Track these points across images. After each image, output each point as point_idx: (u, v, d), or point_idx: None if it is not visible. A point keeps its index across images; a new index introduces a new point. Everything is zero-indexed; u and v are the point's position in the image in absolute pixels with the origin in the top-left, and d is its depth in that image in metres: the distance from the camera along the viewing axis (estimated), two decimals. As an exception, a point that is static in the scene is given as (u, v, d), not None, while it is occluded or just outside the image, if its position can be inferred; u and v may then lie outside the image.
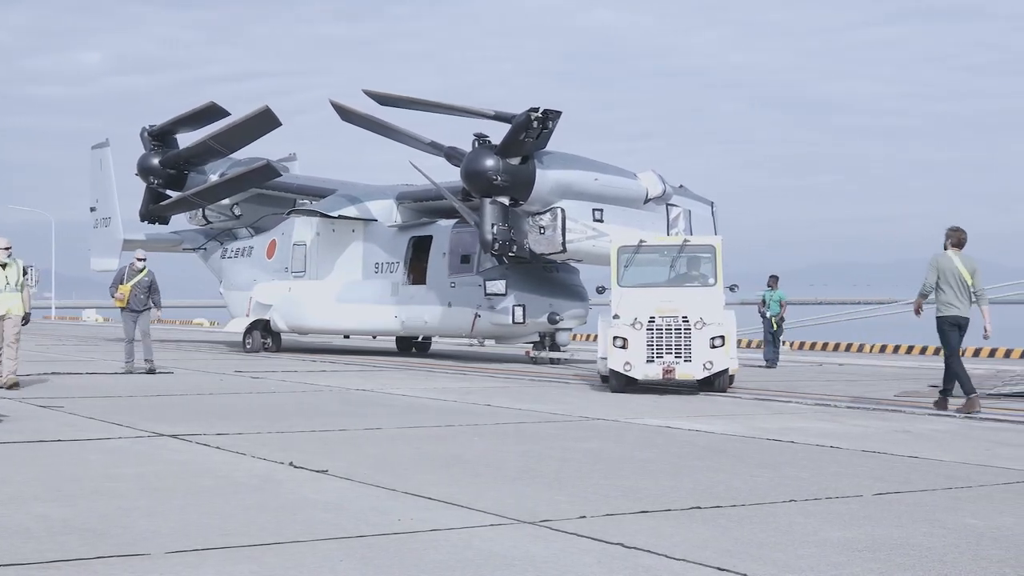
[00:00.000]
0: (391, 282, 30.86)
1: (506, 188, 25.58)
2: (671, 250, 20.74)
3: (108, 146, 38.38)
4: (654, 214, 27.71)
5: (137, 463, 10.41)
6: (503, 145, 25.55)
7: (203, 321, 73.28)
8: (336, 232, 32.11)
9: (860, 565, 6.63)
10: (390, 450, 11.53)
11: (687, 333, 18.92)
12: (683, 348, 18.90)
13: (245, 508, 8.19)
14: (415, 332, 32.12)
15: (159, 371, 22.90)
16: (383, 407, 16.41)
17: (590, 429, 13.83)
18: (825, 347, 39.25)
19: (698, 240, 21.60)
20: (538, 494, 8.90)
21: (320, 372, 24.20)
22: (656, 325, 18.99)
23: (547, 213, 26.03)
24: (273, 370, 24.53)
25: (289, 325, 32.97)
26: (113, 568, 6.38)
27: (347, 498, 8.68)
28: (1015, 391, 18.75)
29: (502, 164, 25.44)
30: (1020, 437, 13.22)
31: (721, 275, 19.92)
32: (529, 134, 25.06)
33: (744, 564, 6.61)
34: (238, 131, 31.04)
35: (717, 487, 9.34)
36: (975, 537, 7.42)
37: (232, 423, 13.74)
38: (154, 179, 33.79)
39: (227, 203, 34.56)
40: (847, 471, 10.35)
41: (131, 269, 23.54)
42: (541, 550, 6.95)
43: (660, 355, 18.93)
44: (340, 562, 6.58)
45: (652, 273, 20.46)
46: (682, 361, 18.90)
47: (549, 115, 24.99)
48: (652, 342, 18.97)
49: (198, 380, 21.47)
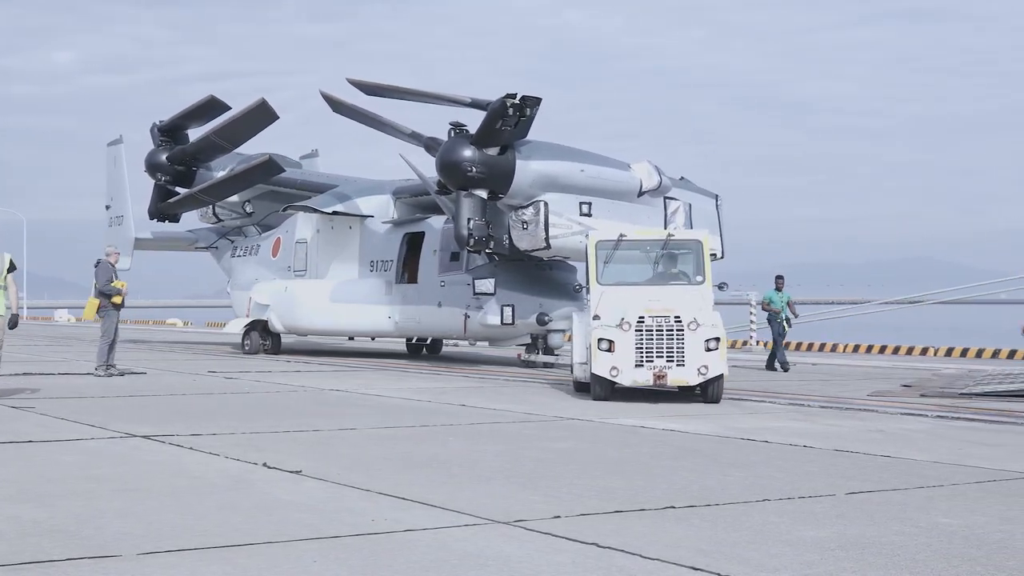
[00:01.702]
0: (385, 281, 29.73)
1: (483, 180, 24.29)
2: (655, 245, 19.33)
3: (122, 143, 37.54)
4: (650, 208, 26.21)
5: (110, 464, 10.35)
6: (479, 134, 24.23)
7: (176, 321, 72.99)
8: (335, 229, 30.91)
9: (833, 564, 6.66)
10: (364, 450, 11.51)
11: (680, 335, 17.24)
12: (675, 351, 17.22)
13: (219, 509, 8.15)
14: (409, 333, 30.89)
15: (132, 372, 22.75)
16: (357, 408, 16.37)
17: (564, 429, 13.84)
18: (799, 347, 39.40)
19: (683, 235, 20.15)
20: (512, 494, 8.90)
21: (294, 372, 24.13)
22: (646, 326, 17.28)
23: (529, 207, 24.65)
24: (247, 370, 24.43)
25: (285, 325, 31.82)
26: (84, 570, 6.34)
27: (321, 498, 8.65)
28: (987, 391, 18.86)
29: (478, 155, 24.11)
30: (992, 437, 13.31)
31: (709, 272, 18.72)
32: (506, 122, 23.71)
33: (718, 563, 6.63)
34: (237, 125, 30.34)
35: (691, 487, 9.36)
36: (947, 536, 7.47)
37: (206, 424, 13.68)
38: (162, 176, 33.00)
39: (236, 200, 33.47)
40: (820, 470, 10.39)
41: (113, 265, 22.86)
42: (515, 550, 6.95)
43: (650, 359, 17.26)
44: (314, 562, 6.56)
45: (634, 270, 19.16)
46: (674, 365, 17.22)
47: (527, 102, 23.69)
48: (641, 344, 17.25)
49: (171, 381, 21.36)
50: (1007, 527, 7.78)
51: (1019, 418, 15.04)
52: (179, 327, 65.13)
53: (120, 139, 38.02)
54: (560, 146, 25.39)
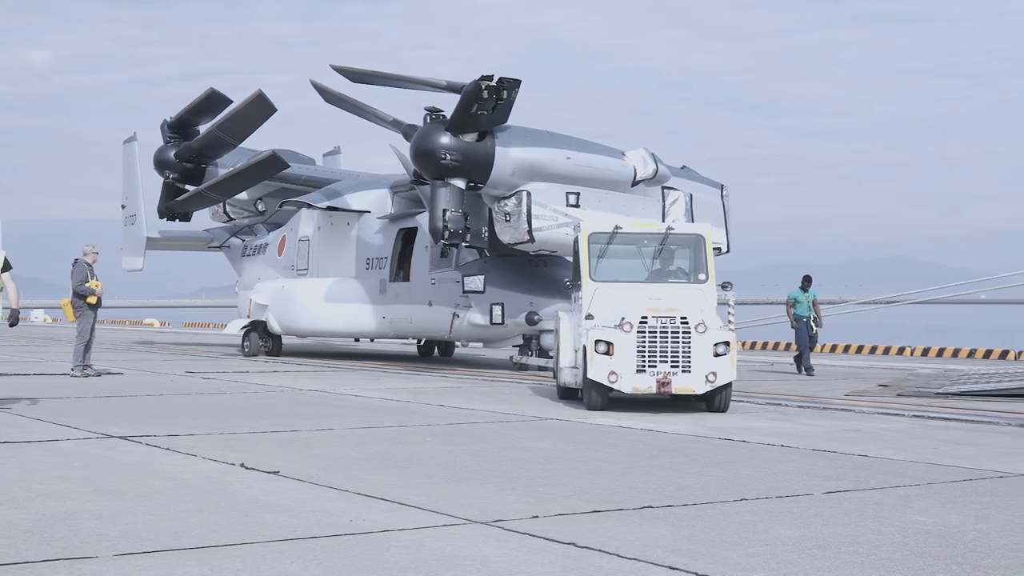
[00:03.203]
0: (379, 279, 28.51)
1: (459, 168, 22.89)
2: (653, 239, 17.91)
3: (136, 140, 36.87)
4: (645, 198, 24.76)
5: (86, 465, 10.29)
6: (453, 120, 22.86)
7: (153, 321, 72.75)
8: (333, 226, 29.92)
9: (810, 563, 6.68)
10: (342, 451, 11.48)
11: (687, 338, 15.79)
12: (681, 356, 15.78)
13: (195, 510, 8.12)
14: (403, 334, 29.40)
15: (108, 372, 22.64)
16: (335, 408, 16.33)
17: (543, 429, 13.84)
18: (776, 347, 39.55)
19: (685, 228, 18.59)
20: (491, 494, 8.89)
21: (272, 373, 24.06)
22: (649, 327, 15.82)
23: (512, 197, 23.31)
24: (224, 371, 24.35)
25: (282, 326, 30.65)
26: (60, 571, 6.30)
27: (299, 499, 8.63)
28: (963, 391, 18.96)
29: (454, 141, 22.77)
30: (968, 436, 13.38)
31: (713, 270, 17.35)
32: (482, 106, 22.36)
33: (696, 563, 6.64)
34: (238, 119, 29.41)
35: (669, 486, 9.37)
36: (923, 535, 7.50)
37: (183, 424, 13.62)
38: (170, 173, 32.07)
39: (246, 198, 32.77)
40: (798, 470, 10.43)
41: (90, 265, 22.69)
42: (494, 550, 6.94)
43: (653, 363, 15.78)
44: (291, 563, 6.54)
45: (630, 266, 17.79)
46: (679, 372, 15.79)
47: (504, 84, 22.28)
48: (644, 348, 15.77)
49: (148, 381, 21.27)
50: (982, 526, 7.82)
51: (994, 418, 15.13)
52: (155, 327, 64.92)
53: (134, 137, 37.18)
54: (544, 132, 24.18)
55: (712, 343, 15.83)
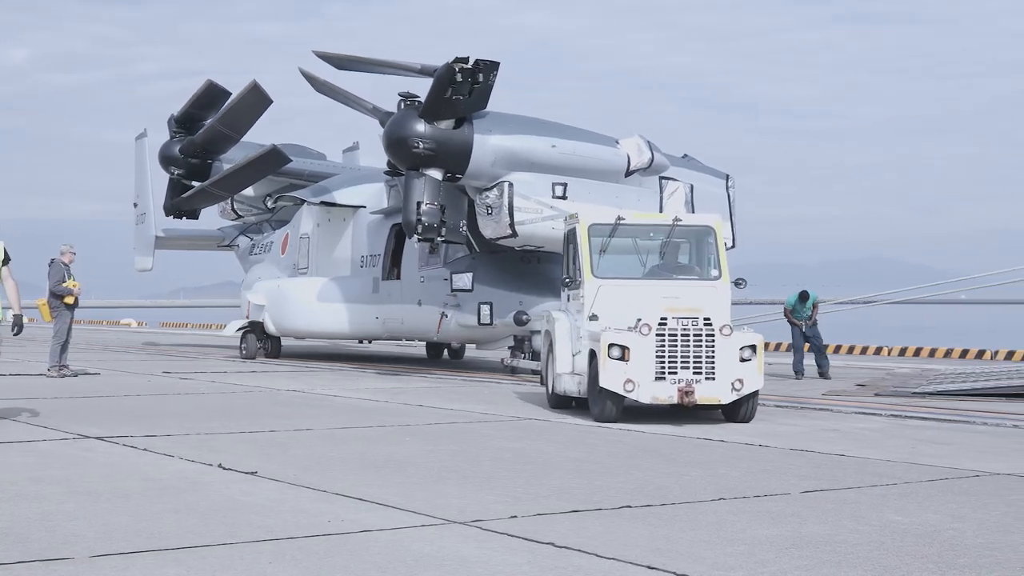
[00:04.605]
0: (372, 277, 27.09)
1: (434, 158, 21.42)
2: (659, 231, 16.42)
3: (146, 137, 35.97)
4: (641, 189, 23.19)
5: (62, 466, 10.24)
6: (426, 106, 21.36)
7: (131, 322, 72.43)
8: (331, 222, 28.54)
9: (788, 562, 6.70)
10: (320, 451, 11.45)
11: (711, 341, 14.40)
12: (704, 361, 14.38)
13: (173, 510, 8.09)
14: (395, 335, 28.05)
15: (85, 373, 22.54)
16: (314, 408, 16.30)
17: (521, 429, 13.84)
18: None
19: (693, 220, 16.93)
20: (469, 494, 8.89)
21: (250, 373, 23.98)
22: (669, 329, 14.39)
23: (493, 189, 21.84)
24: (203, 371, 24.27)
25: (277, 327, 29.45)
26: (36, 573, 6.28)
27: (277, 500, 8.61)
28: (940, 390, 19.06)
29: (428, 129, 21.31)
30: (945, 435, 13.44)
31: (726, 265, 15.95)
32: (457, 90, 20.91)
33: (674, 562, 6.65)
34: (236, 111, 28.32)
35: (647, 486, 9.39)
36: (900, 534, 7.53)
37: (160, 425, 13.57)
38: (175, 169, 30.94)
39: (252, 194, 31.41)
40: (776, 469, 10.46)
41: (67, 265, 22.55)
42: (472, 550, 6.94)
43: (674, 370, 14.34)
44: (269, 564, 6.52)
45: (635, 261, 16.34)
46: (703, 379, 14.36)
47: (480, 67, 20.82)
48: (664, 352, 14.33)
49: (125, 381, 21.18)
50: (958, 525, 7.86)
51: (971, 417, 15.21)
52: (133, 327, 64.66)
53: (145, 133, 36.29)
54: (527, 118, 22.76)
55: (738, 347, 14.54)
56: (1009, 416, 15.23)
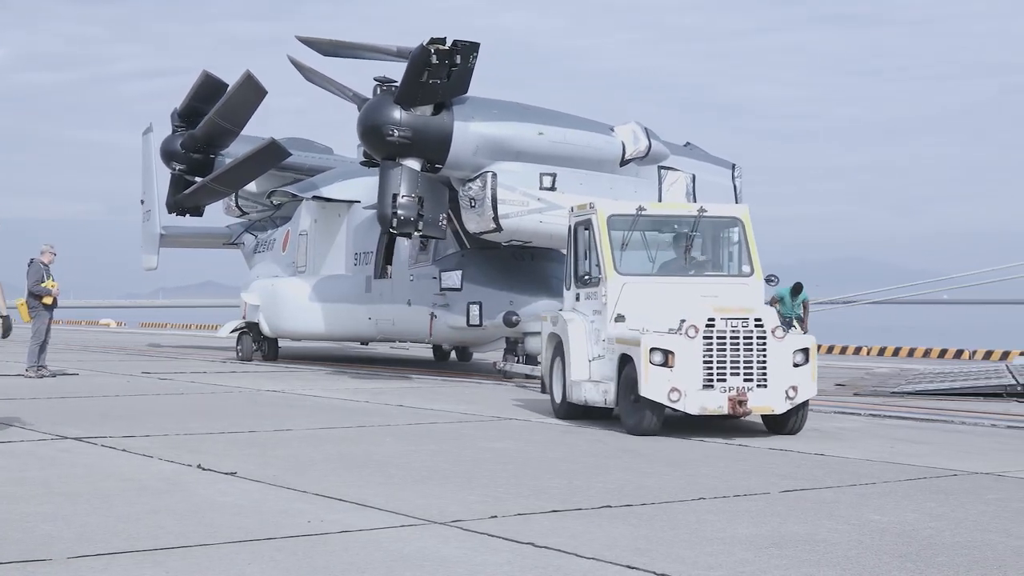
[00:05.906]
0: (365, 276, 25.84)
1: (411, 147, 20.00)
2: (684, 223, 14.90)
3: (152, 132, 35.10)
4: (637, 180, 21.75)
5: (40, 467, 10.19)
6: (402, 90, 19.93)
7: (110, 322, 72.16)
8: (327, 218, 27.40)
9: (767, 562, 6.72)
10: (300, 451, 11.43)
11: (762, 345, 13.05)
12: (756, 367, 13.04)
13: (152, 511, 8.06)
14: (388, 336, 26.74)
15: (64, 373, 22.43)
16: (293, 408, 16.26)
17: (502, 429, 13.84)
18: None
19: (719, 210, 15.32)
20: (449, 494, 8.88)
21: (230, 374, 23.91)
22: (717, 332, 13.01)
23: (477, 180, 20.47)
24: (182, 371, 24.18)
25: (271, 328, 28.39)
26: (13, 574, 6.24)
27: (256, 500, 8.58)
28: (918, 390, 19.14)
29: (404, 116, 19.89)
30: (923, 435, 13.50)
31: (757, 261, 14.72)
32: (434, 73, 19.44)
33: (654, 562, 6.66)
34: (233, 103, 27.45)
35: (627, 486, 9.40)
36: (878, 533, 7.56)
37: (139, 425, 13.52)
38: (177, 164, 29.94)
39: (255, 190, 30.26)
40: (755, 469, 10.49)
41: (46, 265, 22.36)
42: (452, 550, 6.93)
43: (723, 377, 12.96)
44: (248, 565, 6.50)
45: (658, 257, 15.05)
46: (755, 386, 13.02)
47: (458, 48, 19.36)
48: (712, 358, 12.96)
49: (104, 382, 21.09)
50: (936, 524, 7.89)
51: (949, 417, 15.28)
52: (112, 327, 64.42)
53: (151, 128, 35.49)
54: (512, 103, 21.44)
55: (791, 350, 13.20)
56: (987, 415, 15.31)
